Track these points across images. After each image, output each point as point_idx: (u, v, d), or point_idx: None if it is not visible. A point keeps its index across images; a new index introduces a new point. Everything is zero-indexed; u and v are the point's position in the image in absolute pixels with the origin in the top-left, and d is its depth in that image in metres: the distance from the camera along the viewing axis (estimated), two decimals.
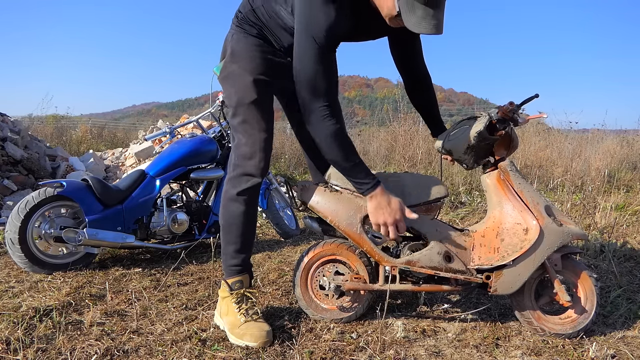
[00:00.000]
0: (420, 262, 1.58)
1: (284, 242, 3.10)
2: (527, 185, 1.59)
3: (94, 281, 2.17)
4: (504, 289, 1.55)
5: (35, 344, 1.47)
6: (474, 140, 1.55)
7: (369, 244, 1.61)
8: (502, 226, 1.57)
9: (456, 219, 3.70)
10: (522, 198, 1.56)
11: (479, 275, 1.57)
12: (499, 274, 1.55)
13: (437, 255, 1.58)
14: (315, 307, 1.70)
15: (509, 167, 1.60)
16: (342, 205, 1.62)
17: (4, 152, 4.06)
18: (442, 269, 1.58)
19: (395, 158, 6.20)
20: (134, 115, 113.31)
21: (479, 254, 1.59)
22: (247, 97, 1.55)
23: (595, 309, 1.58)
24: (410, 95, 1.83)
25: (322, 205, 1.64)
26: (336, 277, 1.67)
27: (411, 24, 1.33)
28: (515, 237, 1.53)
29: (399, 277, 1.61)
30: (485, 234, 1.60)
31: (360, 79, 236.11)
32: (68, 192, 2.31)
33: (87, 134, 8.90)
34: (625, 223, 3.28)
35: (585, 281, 1.59)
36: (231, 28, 1.63)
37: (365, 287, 1.64)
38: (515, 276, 1.53)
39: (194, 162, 2.74)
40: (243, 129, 1.58)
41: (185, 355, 1.45)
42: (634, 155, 6.60)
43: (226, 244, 1.64)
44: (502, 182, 1.59)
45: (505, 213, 1.57)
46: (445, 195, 1.66)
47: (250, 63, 1.55)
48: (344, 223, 1.61)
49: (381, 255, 1.61)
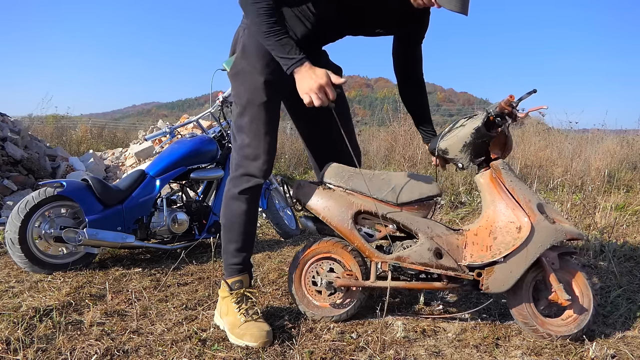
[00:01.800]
0: (410, 258, 1.60)
1: (284, 242, 3.10)
2: (519, 183, 1.60)
3: (94, 281, 2.17)
4: (496, 286, 1.55)
5: (35, 344, 1.47)
6: (471, 137, 1.57)
7: (360, 240, 1.63)
8: (495, 224, 1.57)
9: (456, 219, 3.70)
10: (513, 195, 1.57)
11: (470, 272, 1.58)
12: (491, 270, 1.55)
13: (427, 251, 1.59)
14: (308, 304, 1.71)
15: (501, 166, 1.62)
16: (334, 202, 1.64)
17: (4, 152, 4.06)
18: (433, 266, 1.59)
19: (395, 158, 6.19)
20: (134, 115, 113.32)
21: (471, 252, 1.60)
22: (257, 98, 1.55)
23: (593, 302, 1.57)
24: (405, 100, 1.85)
25: (314, 203, 1.66)
26: (329, 273, 1.68)
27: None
28: (508, 235, 1.54)
29: (390, 274, 1.62)
30: (478, 232, 1.61)
31: (360, 79, 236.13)
32: (68, 192, 2.31)
33: (87, 134, 8.89)
34: (625, 223, 3.28)
35: (578, 278, 1.59)
36: (242, 22, 1.62)
37: (356, 284, 1.65)
38: (507, 273, 1.53)
39: (194, 162, 2.74)
40: (249, 130, 1.57)
41: (185, 355, 1.45)
42: (634, 155, 6.60)
43: (227, 243, 1.64)
44: (494, 180, 1.61)
45: (499, 211, 1.58)
46: (437, 194, 1.67)
47: (261, 60, 1.54)
48: (335, 219, 1.63)
49: (371, 251, 1.63)
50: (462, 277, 1.59)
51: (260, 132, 1.57)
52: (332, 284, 1.67)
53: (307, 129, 1.83)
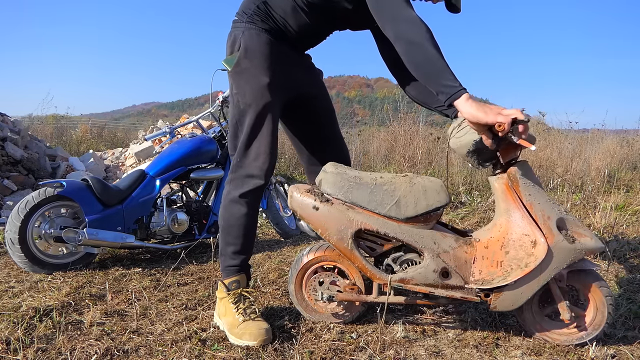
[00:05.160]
0: (414, 280, 1.51)
1: (284, 242, 3.10)
2: (539, 196, 1.45)
3: (94, 281, 2.17)
4: (505, 306, 1.47)
5: (35, 344, 1.47)
6: (473, 147, 1.46)
7: (361, 260, 1.55)
8: (508, 236, 1.45)
9: (456, 219, 3.70)
10: (531, 213, 1.43)
11: (477, 294, 1.49)
12: (499, 293, 1.45)
13: (432, 273, 1.49)
14: (306, 307, 1.70)
15: (518, 175, 1.46)
16: (333, 218, 1.53)
17: (4, 152, 4.06)
18: (438, 286, 1.50)
19: (395, 158, 6.19)
20: (134, 115, 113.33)
21: (480, 268, 1.49)
22: (262, 97, 1.55)
23: (606, 321, 1.49)
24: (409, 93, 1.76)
25: (311, 217, 1.56)
26: (331, 286, 1.64)
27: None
28: (521, 250, 1.43)
29: (393, 291, 1.58)
30: (489, 244, 1.49)
31: (360, 78, 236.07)
32: (68, 192, 2.31)
33: (87, 134, 8.89)
34: (625, 223, 3.28)
35: (596, 294, 1.49)
36: (237, 25, 1.60)
37: (358, 299, 1.61)
38: (517, 295, 1.44)
39: (194, 162, 2.74)
40: (251, 130, 1.58)
41: (185, 355, 1.45)
42: (634, 155, 6.60)
43: (225, 245, 1.64)
44: (510, 190, 1.46)
45: (513, 222, 1.45)
46: (445, 203, 1.53)
47: (266, 62, 1.55)
48: (334, 237, 1.54)
49: (373, 272, 1.55)
50: (469, 300, 1.51)
51: (263, 132, 1.58)
52: (334, 298, 1.62)
53: (299, 129, 1.84)
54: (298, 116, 1.79)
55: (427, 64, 1.39)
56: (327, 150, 1.82)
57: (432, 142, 6.01)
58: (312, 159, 1.84)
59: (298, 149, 1.87)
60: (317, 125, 1.80)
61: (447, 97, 1.37)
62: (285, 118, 1.82)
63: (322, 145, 1.83)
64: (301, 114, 1.78)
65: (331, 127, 1.83)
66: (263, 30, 1.57)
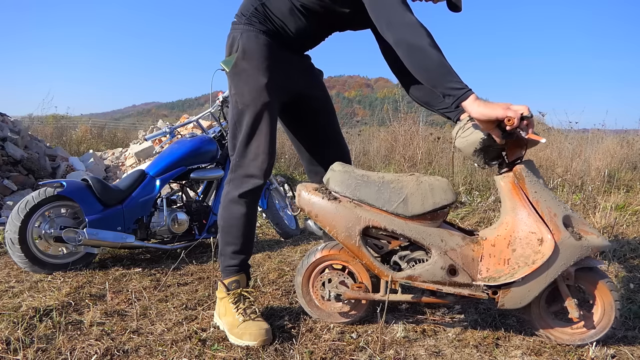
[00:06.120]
0: (422, 277, 1.52)
1: (284, 242, 3.10)
2: (545, 194, 1.46)
3: (94, 281, 2.17)
4: (512, 304, 1.47)
5: (35, 344, 1.47)
6: (480, 145, 1.47)
7: (369, 257, 1.56)
8: (515, 234, 1.46)
9: (456, 219, 3.70)
10: (537, 210, 1.44)
11: (485, 291, 1.50)
12: (507, 290, 1.45)
13: (440, 270, 1.50)
14: (309, 302, 1.69)
15: (524, 173, 1.47)
16: (341, 216, 1.54)
17: (4, 152, 4.07)
18: (446, 284, 1.50)
19: (395, 158, 6.19)
20: (134, 115, 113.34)
21: (488, 266, 1.49)
22: (260, 98, 1.56)
23: (612, 324, 1.48)
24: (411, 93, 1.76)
25: (320, 214, 1.57)
26: (340, 286, 1.64)
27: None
28: (528, 247, 1.43)
29: (400, 288, 1.58)
30: (496, 242, 1.50)
31: (360, 79, 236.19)
32: (68, 192, 2.31)
33: (87, 134, 8.89)
34: (625, 223, 3.28)
35: (605, 295, 1.48)
36: (236, 27, 1.61)
37: (365, 297, 1.61)
38: (525, 292, 1.44)
39: (194, 162, 2.74)
40: (249, 130, 1.58)
41: (185, 355, 1.45)
42: (634, 155, 6.59)
43: (224, 245, 1.64)
44: (516, 188, 1.47)
45: (519, 220, 1.46)
46: (452, 201, 1.53)
47: (264, 62, 1.56)
48: (342, 235, 1.55)
49: (381, 269, 1.56)
50: (477, 297, 1.51)
51: (261, 132, 1.58)
52: (341, 296, 1.63)
53: (300, 130, 1.83)
54: (298, 117, 1.80)
55: (431, 68, 1.39)
56: (327, 151, 1.82)
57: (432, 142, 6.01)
58: (313, 159, 1.84)
59: (298, 149, 1.87)
60: (317, 126, 1.80)
61: (455, 99, 1.37)
62: (285, 119, 1.82)
63: (322, 146, 1.83)
64: (301, 115, 1.78)
65: (331, 128, 1.83)
66: (261, 32, 1.57)
